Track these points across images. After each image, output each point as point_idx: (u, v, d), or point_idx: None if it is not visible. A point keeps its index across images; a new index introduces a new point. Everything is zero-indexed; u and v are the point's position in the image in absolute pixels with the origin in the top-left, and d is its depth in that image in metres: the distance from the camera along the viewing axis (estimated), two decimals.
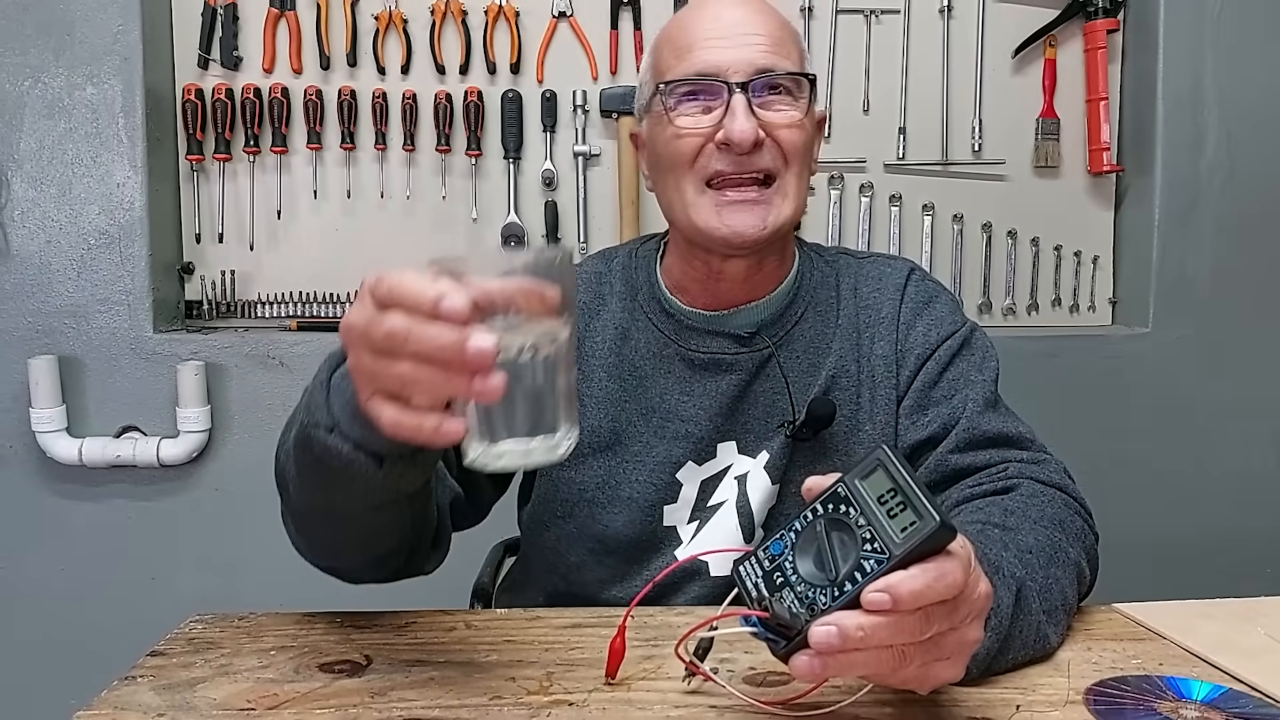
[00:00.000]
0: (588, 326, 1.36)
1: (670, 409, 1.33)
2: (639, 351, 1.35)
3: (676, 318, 1.36)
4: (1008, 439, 1.29)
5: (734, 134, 1.22)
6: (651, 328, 1.36)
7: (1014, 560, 1.02)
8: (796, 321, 1.35)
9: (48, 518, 2.28)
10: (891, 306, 1.37)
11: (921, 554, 0.76)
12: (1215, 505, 2.46)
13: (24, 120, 2.24)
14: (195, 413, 2.24)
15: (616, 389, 1.34)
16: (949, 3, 2.46)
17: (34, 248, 2.26)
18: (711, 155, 1.25)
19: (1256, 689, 0.95)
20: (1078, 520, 1.20)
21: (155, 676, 0.97)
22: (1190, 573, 2.41)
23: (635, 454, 1.32)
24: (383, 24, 2.37)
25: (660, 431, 1.32)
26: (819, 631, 0.76)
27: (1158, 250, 2.41)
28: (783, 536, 0.84)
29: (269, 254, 2.42)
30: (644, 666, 0.99)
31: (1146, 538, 2.42)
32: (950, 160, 2.48)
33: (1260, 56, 2.41)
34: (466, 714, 0.89)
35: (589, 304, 1.38)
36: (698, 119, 1.25)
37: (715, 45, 1.25)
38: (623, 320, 1.37)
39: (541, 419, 0.84)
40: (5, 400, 2.26)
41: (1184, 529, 2.45)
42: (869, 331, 1.36)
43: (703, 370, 1.33)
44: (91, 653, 2.21)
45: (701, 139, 1.25)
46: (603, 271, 1.43)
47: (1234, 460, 2.46)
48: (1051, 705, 0.91)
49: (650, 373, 1.34)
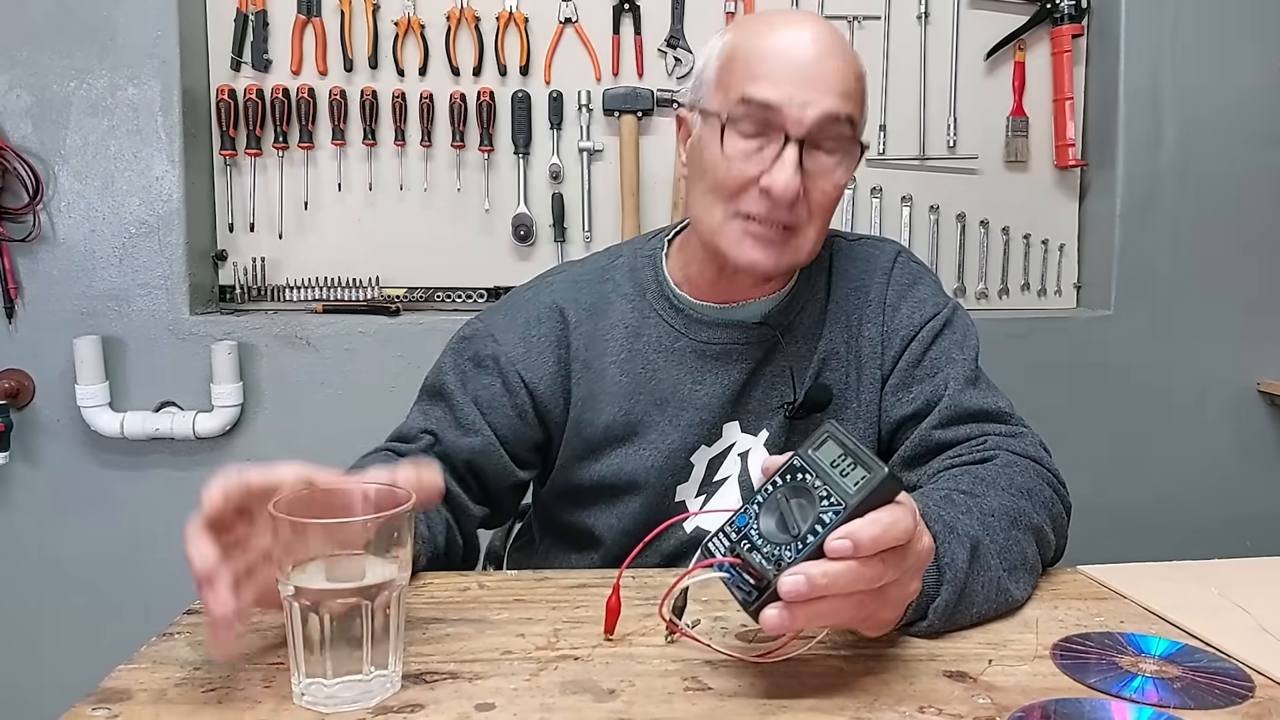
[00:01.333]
0: (596, 326, 1.32)
1: (684, 398, 1.30)
2: (651, 346, 1.31)
3: (686, 312, 1.32)
4: (987, 414, 1.28)
5: (776, 186, 1.15)
6: (662, 323, 1.32)
7: (973, 522, 1.02)
8: (801, 309, 1.33)
9: (92, 487, 2.29)
10: (879, 289, 1.34)
11: (873, 504, 0.78)
12: (1172, 474, 2.46)
13: (70, 119, 2.23)
14: (228, 389, 2.24)
15: (630, 383, 1.30)
16: (926, 9, 2.44)
17: (79, 236, 2.25)
18: (750, 196, 1.19)
19: (1210, 644, 0.95)
20: (1047, 490, 1.19)
21: (191, 633, 0.96)
22: (1149, 537, 2.42)
23: (651, 442, 1.30)
24: (402, 29, 2.36)
25: (675, 420, 1.30)
26: (788, 581, 0.76)
27: (1119, 239, 2.41)
28: (746, 509, 0.84)
29: (296, 242, 2.41)
30: (644, 624, 0.99)
31: (1108, 504, 2.41)
32: (927, 155, 2.48)
33: (1214, 59, 2.40)
34: (479, 668, 0.89)
35: (594, 304, 1.33)
36: (748, 153, 1.18)
37: (786, 81, 1.16)
38: (632, 318, 1.32)
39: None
40: (52, 377, 2.25)
41: (1143, 496, 2.45)
42: (858, 314, 1.34)
43: (714, 360, 1.31)
44: (132, 611, 2.22)
45: (746, 180, 1.18)
46: (606, 267, 1.38)
47: (1189, 433, 2.46)
48: (1021, 659, 0.91)
49: (663, 365, 1.31)
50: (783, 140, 1.16)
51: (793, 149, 1.15)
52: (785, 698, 0.83)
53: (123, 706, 0.81)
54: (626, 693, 0.84)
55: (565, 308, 1.32)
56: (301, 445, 2.28)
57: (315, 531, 0.82)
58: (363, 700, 0.81)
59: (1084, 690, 0.85)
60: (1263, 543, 2.47)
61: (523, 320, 1.32)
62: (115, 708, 0.81)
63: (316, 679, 0.81)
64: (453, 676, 0.87)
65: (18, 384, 2.24)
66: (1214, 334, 2.45)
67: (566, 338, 1.31)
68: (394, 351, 2.30)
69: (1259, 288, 2.46)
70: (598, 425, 1.30)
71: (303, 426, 2.29)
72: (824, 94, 1.16)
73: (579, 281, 1.36)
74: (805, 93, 1.15)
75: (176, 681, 0.86)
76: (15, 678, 2.30)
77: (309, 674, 0.81)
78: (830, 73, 1.17)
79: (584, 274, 1.37)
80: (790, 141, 1.15)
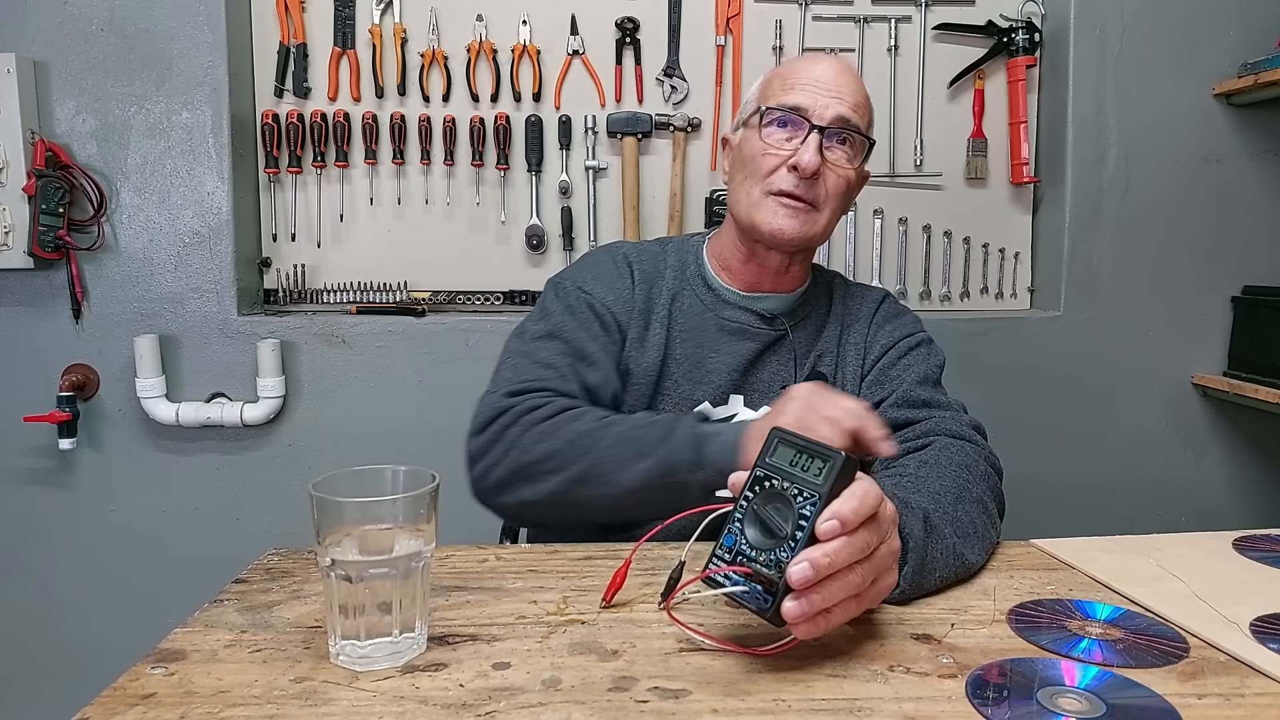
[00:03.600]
0: (651, 287, 1.45)
1: (700, 360, 1.41)
2: (684, 313, 1.44)
3: (716, 291, 1.46)
4: (934, 404, 1.37)
5: (803, 161, 1.33)
6: (695, 297, 1.45)
7: (923, 499, 1.07)
8: (805, 317, 1.47)
9: (151, 469, 2.28)
10: (868, 313, 1.49)
11: (841, 485, 0.80)
12: (1115, 458, 2.46)
13: (130, 140, 2.23)
14: (272, 382, 2.23)
15: (666, 337, 1.41)
16: (895, 42, 2.44)
17: (139, 245, 2.25)
18: (782, 175, 1.35)
19: (1150, 610, 0.95)
20: (982, 465, 1.24)
21: (239, 600, 0.96)
22: (1094, 514, 2.42)
23: (667, 390, 1.39)
24: (427, 60, 2.35)
25: (690, 376, 1.40)
26: (795, 570, 0.77)
27: (1068, 247, 2.41)
28: (729, 530, 0.84)
29: (333, 250, 2.40)
30: (644, 591, 0.99)
31: (1058, 485, 2.42)
32: (897, 173, 2.47)
33: (1153, 87, 2.39)
34: (496, 630, 0.89)
35: (651, 269, 1.47)
36: (781, 142, 1.36)
37: (811, 91, 1.35)
38: (675, 286, 1.45)
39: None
40: (115, 372, 2.25)
41: (1089, 477, 2.45)
42: (849, 329, 1.47)
43: (730, 335, 1.42)
44: (186, 580, 2.22)
45: (779, 161, 1.36)
46: (658, 251, 1.51)
47: (1130, 420, 2.46)
48: (980, 624, 0.91)
49: (691, 329, 1.42)
50: (808, 130, 1.34)
51: (815, 136, 1.33)
52: (771, 657, 0.83)
53: (178, 665, 0.81)
54: (628, 653, 0.84)
55: (634, 263, 1.47)
56: (338, 432, 2.30)
57: (350, 509, 0.82)
58: (392, 660, 0.82)
59: (1037, 651, 0.85)
60: (1196, 519, 2.47)
61: (606, 269, 1.46)
62: (172, 666, 0.81)
63: (351, 640, 0.81)
64: (473, 639, 0.87)
65: (84, 377, 2.23)
66: (1153, 332, 2.45)
67: (633, 285, 1.44)
68: (420, 348, 2.30)
69: (1193, 290, 2.45)
70: (640, 365, 1.40)
71: (339, 415, 2.29)
72: (841, 102, 1.35)
73: (643, 249, 1.51)
74: (827, 99, 1.35)
75: (226, 643, 0.86)
76: (82, 639, 2.30)
77: (344, 636, 0.81)
78: (846, 88, 1.37)
79: (645, 246, 1.53)
80: (814, 130, 1.34)
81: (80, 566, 2.30)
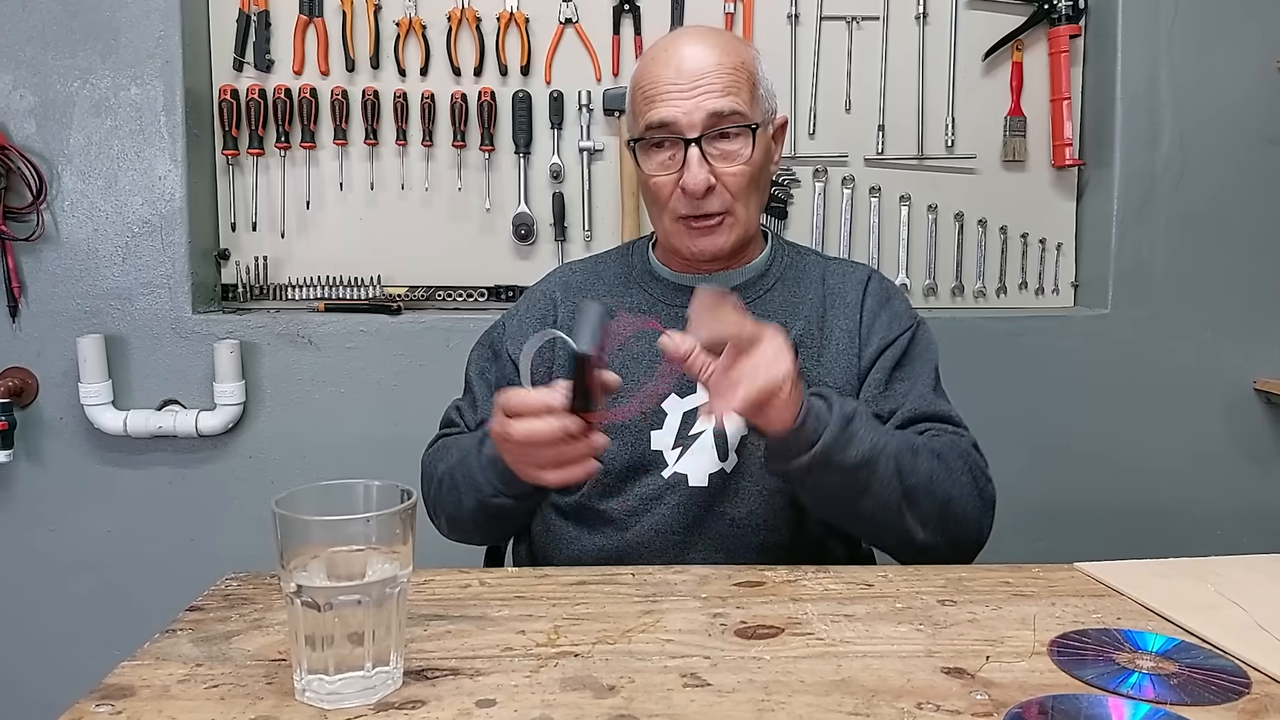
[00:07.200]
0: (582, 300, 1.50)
1: (656, 355, 1.41)
2: (634, 311, 1.49)
3: (663, 280, 1.53)
4: (940, 417, 1.42)
5: (688, 184, 1.36)
6: (643, 292, 1.52)
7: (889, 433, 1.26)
8: (767, 290, 1.50)
9: (95, 484, 2.28)
10: (855, 294, 1.49)
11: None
12: (1168, 472, 2.45)
13: (73, 118, 2.23)
14: (231, 387, 2.24)
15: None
16: (924, 10, 2.44)
17: (82, 235, 2.25)
18: (678, 199, 1.40)
19: (1207, 641, 0.95)
20: (964, 474, 1.32)
21: (194, 629, 0.97)
22: (1145, 534, 2.42)
23: (629, 390, 1.41)
24: (403, 29, 2.35)
25: (650, 371, 1.43)
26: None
27: (1116, 238, 2.40)
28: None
29: (298, 241, 2.41)
30: (644, 620, 0.99)
31: (1105, 502, 2.42)
32: (925, 155, 2.47)
33: (1211, 59, 2.39)
34: (480, 664, 0.89)
35: (583, 284, 1.57)
36: (665, 167, 1.40)
37: (672, 98, 1.37)
38: (619, 290, 1.53)
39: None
40: (56, 376, 2.25)
41: (1140, 494, 2.45)
42: (834, 311, 1.48)
43: (684, 322, 1.41)
44: (135, 608, 2.21)
45: (670, 185, 1.40)
46: (601, 258, 1.64)
47: (1187, 431, 2.46)
48: (1019, 656, 0.91)
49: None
50: (684, 146, 1.37)
51: (694, 150, 1.36)
52: (783, 694, 0.83)
53: (126, 703, 0.82)
54: (626, 689, 0.84)
55: (555, 292, 1.56)
56: (304, 443, 2.30)
57: (317, 528, 0.82)
58: (364, 697, 0.82)
59: (1081, 686, 0.85)
60: (1258, 540, 2.47)
61: (523, 308, 1.58)
62: (118, 704, 0.81)
63: (318, 675, 0.81)
64: (454, 673, 0.87)
65: (21, 382, 2.24)
66: (1211, 332, 2.44)
67: (553, 314, 1.53)
68: (395, 350, 2.30)
69: (1255, 286, 2.45)
70: None
71: (305, 425, 2.29)
72: (707, 95, 1.36)
73: (574, 269, 1.62)
74: (691, 100, 1.36)
75: (180, 678, 0.86)
76: (18, 674, 2.30)
77: (311, 670, 0.81)
78: (707, 72, 1.37)
79: (580, 265, 1.64)
80: (690, 146, 1.36)
81: (15, 593, 2.30)
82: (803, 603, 1.05)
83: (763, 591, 1.09)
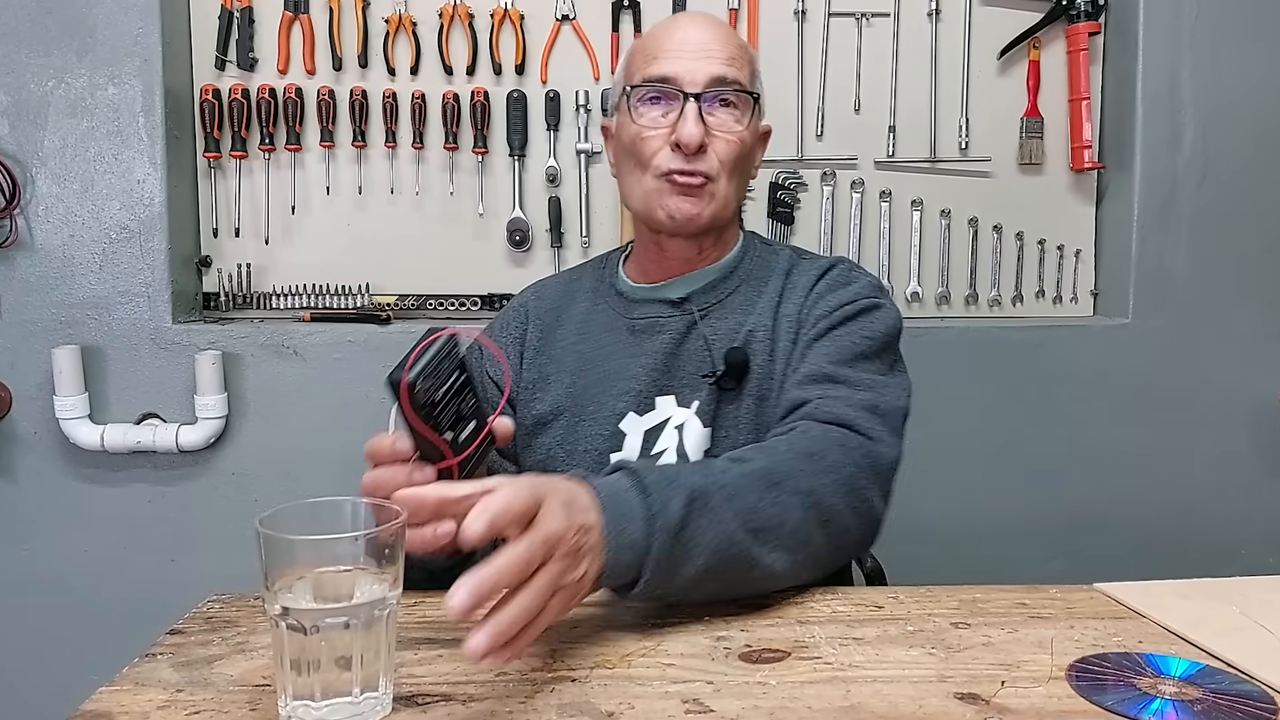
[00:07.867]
0: (557, 318, 1.57)
1: (618, 370, 1.47)
2: (599, 328, 1.52)
3: (625, 295, 1.54)
4: (837, 380, 1.34)
5: (684, 136, 1.38)
6: (609, 309, 1.54)
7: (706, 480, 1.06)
8: (730, 293, 1.49)
9: (71, 502, 2.29)
10: (808, 280, 1.48)
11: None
12: (1192, 488, 2.46)
13: (48, 119, 2.24)
14: (212, 400, 2.24)
15: (577, 361, 1.51)
16: (937, 6, 2.45)
17: (57, 242, 2.26)
18: (666, 155, 1.41)
19: (1232, 665, 0.95)
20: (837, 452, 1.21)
21: (174, 654, 0.97)
22: (1168, 554, 2.42)
23: (590, 412, 1.46)
24: (393, 26, 2.36)
25: (609, 390, 1.46)
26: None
27: (1137, 244, 2.41)
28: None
29: (283, 248, 2.41)
30: (643, 645, 0.99)
31: (1126, 520, 2.42)
32: (938, 158, 2.48)
33: (1235, 59, 2.40)
34: (473, 689, 0.89)
35: (558, 300, 1.59)
36: (657, 120, 1.42)
37: (677, 57, 1.41)
38: (588, 307, 1.56)
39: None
40: (30, 389, 2.26)
41: (1162, 511, 2.45)
42: (788, 303, 1.46)
43: (641, 334, 1.49)
44: (113, 631, 2.22)
45: (660, 140, 1.41)
46: (578, 270, 1.67)
47: (1210, 445, 2.46)
48: (1035, 681, 0.91)
49: (607, 344, 1.50)
50: (683, 100, 1.39)
51: (692, 104, 1.38)
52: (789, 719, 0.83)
53: None
54: (626, 715, 0.84)
55: (529, 307, 1.60)
56: (289, 458, 2.30)
57: (303, 547, 0.83)
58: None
59: (1100, 713, 0.85)
60: None
61: (496, 327, 1.61)
62: None
63: (304, 701, 0.81)
64: (446, 699, 0.87)
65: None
66: (1235, 342, 2.45)
67: (524, 331, 1.57)
68: (384, 361, 2.29)
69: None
70: (546, 401, 1.50)
71: (290, 439, 2.30)
72: (713, 60, 1.40)
73: (548, 284, 1.66)
74: (697, 61, 1.40)
75: (160, 704, 0.86)
76: None
77: (296, 696, 0.81)
78: (717, 43, 1.42)
79: (556, 279, 1.68)
80: (689, 100, 1.39)
81: None
82: (810, 625, 1.05)
83: (768, 613, 1.09)
